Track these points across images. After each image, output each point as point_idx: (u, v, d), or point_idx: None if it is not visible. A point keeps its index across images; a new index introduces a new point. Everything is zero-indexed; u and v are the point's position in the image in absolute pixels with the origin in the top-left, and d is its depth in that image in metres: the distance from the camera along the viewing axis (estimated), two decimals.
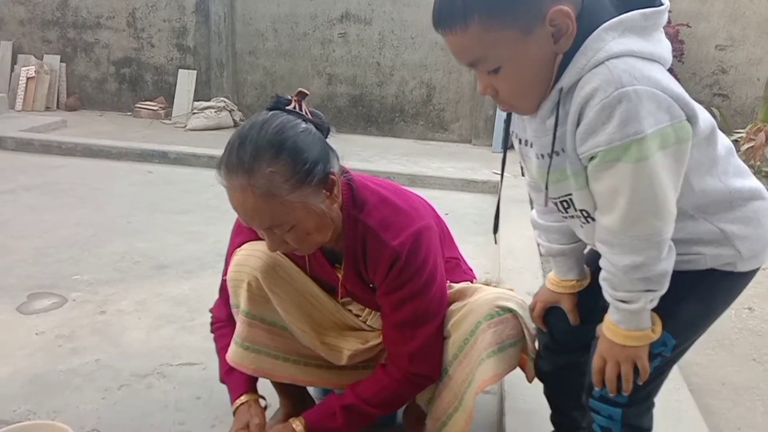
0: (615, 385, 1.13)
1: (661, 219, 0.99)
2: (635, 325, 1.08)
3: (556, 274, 1.35)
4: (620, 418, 1.16)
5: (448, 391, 1.46)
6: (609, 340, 1.11)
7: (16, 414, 1.84)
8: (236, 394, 1.56)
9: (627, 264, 1.02)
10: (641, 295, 1.04)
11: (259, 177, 1.22)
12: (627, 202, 0.98)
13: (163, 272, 2.93)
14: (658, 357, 1.12)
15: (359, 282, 1.50)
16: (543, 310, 1.38)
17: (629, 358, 1.10)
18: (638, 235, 1.00)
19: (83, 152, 5.14)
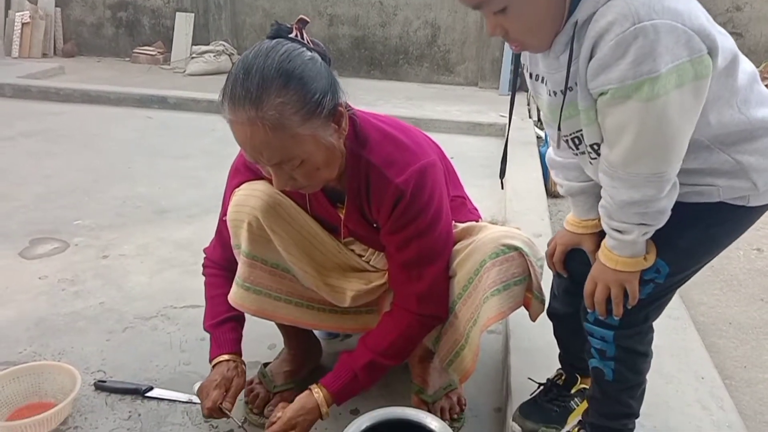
0: (604, 307, 1.13)
1: (665, 159, 0.95)
2: (629, 252, 1.07)
3: (576, 214, 1.30)
4: (612, 340, 1.16)
5: (453, 330, 1.44)
6: (602, 263, 1.11)
7: (22, 356, 1.85)
8: (221, 350, 1.50)
9: (624, 199, 1.01)
10: (635, 227, 1.03)
11: (268, 108, 1.15)
12: (632, 140, 0.94)
13: (165, 217, 2.90)
14: (650, 283, 1.11)
15: (362, 221, 1.46)
16: (564, 253, 1.33)
17: (618, 282, 1.09)
18: (638, 173, 0.97)
19: (82, 98, 5.06)
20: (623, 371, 1.18)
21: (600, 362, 1.19)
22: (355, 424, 1.31)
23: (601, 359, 1.19)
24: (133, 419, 1.60)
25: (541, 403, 1.43)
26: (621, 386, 1.20)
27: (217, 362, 1.49)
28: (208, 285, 1.61)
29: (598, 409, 1.25)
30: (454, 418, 1.58)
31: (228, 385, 1.45)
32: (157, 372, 1.79)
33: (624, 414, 1.24)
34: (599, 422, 1.25)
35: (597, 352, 1.19)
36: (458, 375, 1.47)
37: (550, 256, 1.36)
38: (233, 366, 1.48)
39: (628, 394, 1.22)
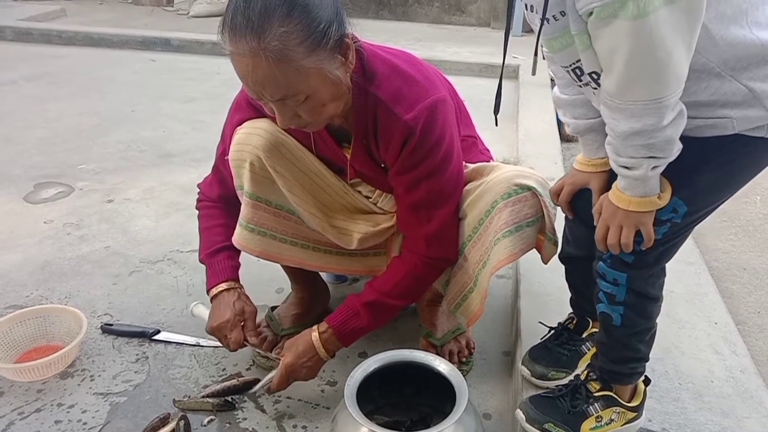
0: (618, 248, 1.08)
1: (661, 83, 0.88)
2: (641, 191, 1.01)
3: (585, 153, 1.24)
4: (625, 282, 1.12)
5: (462, 272, 1.41)
6: (613, 205, 1.05)
7: (29, 299, 1.84)
8: (219, 278, 1.48)
9: (625, 130, 0.95)
10: (643, 161, 0.97)
11: (271, 39, 1.08)
12: (624, 63, 0.88)
13: (170, 161, 2.86)
14: (667, 223, 1.06)
15: (369, 161, 1.41)
16: (571, 193, 1.28)
17: (632, 224, 1.04)
18: (636, 100, 0.91)
19: (84, 41, 4.96)
20: (632, 316, 1.15)
21: (608, 307, 1.16)
22: (362, 366, 1.30)
23: (610, 304, 1.15)
24: (141, 362, 1.60)
25: (551, 347, 1.41)
26: (629, 331, 1.17)
27: (217, 292, 1.47)
28: (202, 218, 1.57)
29: (606, 354, 1.23)
30: (462, 361, 1.57)
31: (241, 320, 1.44)
32: (164, 315, 1.78)
33: (633, 358, 1.21)
34: (608, 367, 1.23)
35: (606, 297, 1.15)
36: (465, 318, 1.45)
37: (556, 194, 1.31)
38: (236, 296, 1.46)
39: (636, 339, 1.19)
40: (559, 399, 1.24)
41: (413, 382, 1.39)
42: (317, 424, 1.42)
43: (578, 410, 1.22)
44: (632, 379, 1.25)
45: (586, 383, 1.25)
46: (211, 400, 1.45)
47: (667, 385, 1.44)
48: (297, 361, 1.37)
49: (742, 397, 1.46)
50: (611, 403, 1.23)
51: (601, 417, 1.22)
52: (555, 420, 1.21)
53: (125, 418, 1.42)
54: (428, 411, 1.41)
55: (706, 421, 1.38)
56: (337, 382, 1.55)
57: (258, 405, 1.47)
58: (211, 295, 1.48)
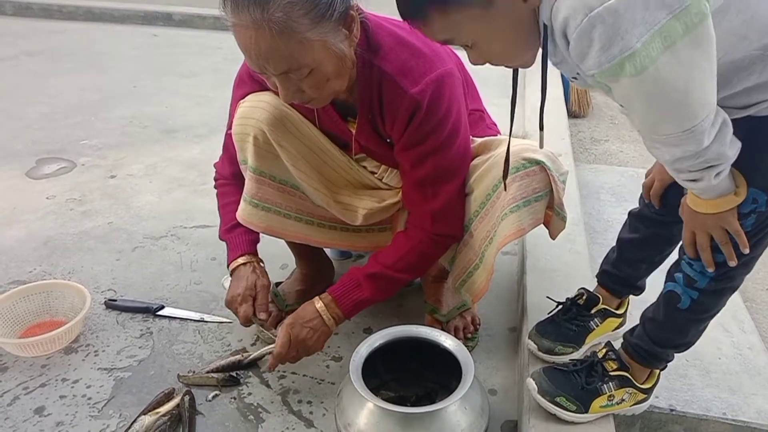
0: (710, 255, 1.04)
1: (687, 116, 0.87)
2: (714, 194, 0.99)
3: None
4: (713, 274, 1.07)
5: (469, 248, 1.39)
6: (692, 210, 1.03)
7: (32, 275, 1.84)
8: (237, 253, 1.49)
9: (668, 159, 0.95)
10: (703, 173, 0.95)
11: (275, 10, 1.05)
12: (642, 110, 0.89)
13: (173, 136, 2.83)
14: (752, 215, 1.02)
15: (374, 136, 1.38)
16: (663, 188, 1.25)
17: (716, 225, 1.01)
18: (667, 134, 0.90)
19: (85, 16, 4.91)
20: (706, 302, 1.11)
21: (681, 288, 1.11)
22: (367, 342, 1.29)
23: (686, 286, 1.10)
24: (145, 337, 1.60)
25: (558, 322, 1.40)
26: (695, 316, 1.13)
27: (235, 266, 1.47)
28: (219, 196, 1.58)
29: (651, 333, 1.18)
30: (468, 337, 1.56)
31: (253, 294, 1.44)
32: (168, 291, 1.78)
33: (679, 344, 1.19)
34: (645, 345, 1.19)
35: (684, 278, 1.10)
36: (470, 295, 1.43)
37: (648, 188, 1.28)
38: (251, 270, 1.46)
39: (696, 326, 1.16)
40: (574, 374, 1.23)
41: (418, 358, 1.38)
42: (322, 399, 1.42)
43: (592, 387, 1.21)
44: (660, 364, 1.23)
45: (603, 361, 1.23)
46: (215, 376, 1.44)
47: (674, 362, 1.42)
48: (298, 321, 1.36)
49: (750, 374, 1.45)
50: (625, 383, 1.22)
51: (613, 396, 1.21)
52: (567, 394, 1.20)
53: (129, 393, 1.42)
54: (433, 386, 1.41)
55: (714, 397, 1.37)
56: (342, 357, 1.54)
57: (263, 380, 1.47)
58: (230, 270, 1.49)
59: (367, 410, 1.17)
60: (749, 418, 1.33)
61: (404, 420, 1.15)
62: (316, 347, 1.39)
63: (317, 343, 1.38)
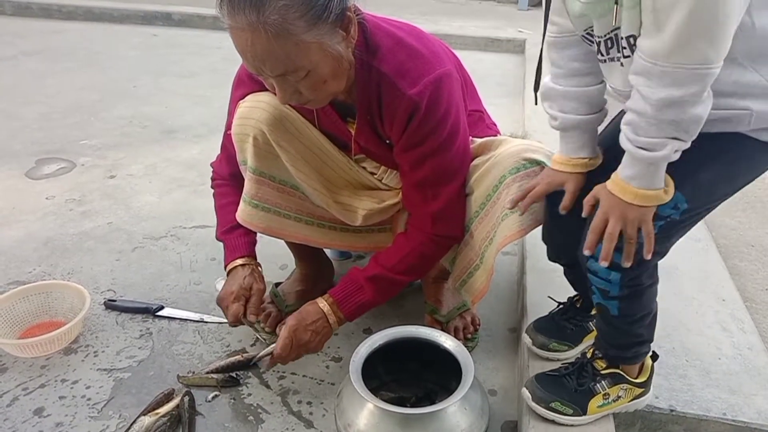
0: (612, 246, 1.02)
1: (714, 46, 0.85)
2: (648, 182, 0.97)
3: (565, 151, 1.19)
4: (618, 280, 1.08)
5: (469, 249, 1.39)
6: (614, 197, 1.00)
7: (31, 275, 1.84)
8: (235, 254, 1.48)
9: (662, 97, 0.89)
10: (667, 141, 0.92)
11: (270, 12, 1.05)
12: (684, 18, 0.83)
13: (172, 137, 2.83)
14: (666, 219, 1.02)
15: (374, 137, 1.38)
16: (544, 193, 1.22)
17: (636, 218, 1.00)
18: (685, 63, 0.86)
19: (84, 16, 4.91)
20: (629, 307, 1.13)
21: (603, 300, 1.13)
22: (367, 342, 1.29)
23: (603, 298, 1.12)
24: (145, 338, 1.60)
25: (557, 320, 1.40)
26: (628, 320, 1.15)
27: (232, 268, 1.46)
28: (216, 196, 1.57)
29: (608, 340, 1.21)
30: (467, 338, 1.56)
31: (247, 295, 1.43)
32: (168, 291, 1.78)
33: (635, 343, 1.19)
34: (612, 352, 1.21)
35: (599, 292, 1.12)
36: (470, 296, 1.43)
37: (526, 192, 1.24)
38: (248, 272, 1.45)
39: (637, 325, 1.17)
40: (566, 377, 1.23)
41: (418, 359, 1.38)
42: (322, 399, 1.42)
43: (585, 388, 1.21)
44: (637, 360, 1.23)
45: (593, 361, 1.24)
46: (215, 376, 1.44)
47: (674, 362, 1.43)
48: (301, 323, 1.35)
49: (750, 374, 1.45)
50: (618, 380, 1.22)
51: (608, 394, 1.21)
52: (562, 398, 1.20)
53: (129, 393, 1.42)
54: (433, 387, 1.40)
55: (714, 398, 1.37)
56: (342, 358, 1.54)
57: (263, 381, 1.47)
58: (227, 271, 1.48)
59: (367, 411, 1.17)
60: (749, 418, 1.33)
61: (404, 421, 1.15)
62: (317, 349, 1.39)
63: (318, 345, 1.38)
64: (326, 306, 1.37)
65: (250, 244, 1.50)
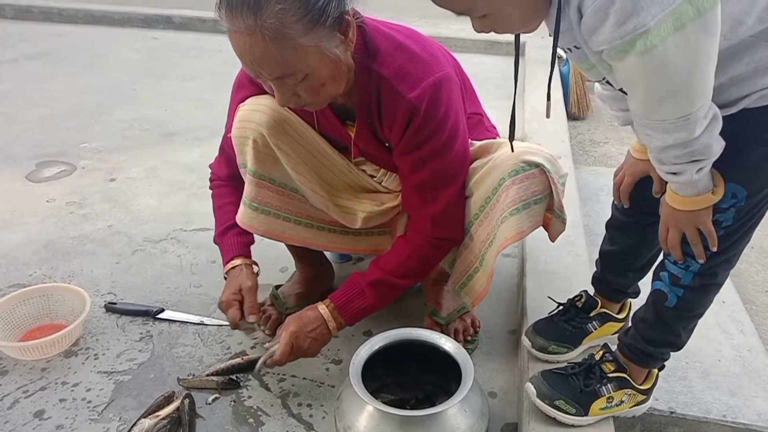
0: (680, 252, 1.07)
1: (686, 103, 0.88)
2: (692, 191, 1.00)
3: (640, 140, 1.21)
4: (697, 269, 1.09)
5: (469, 251, 1.39)
6: (669, 206, 1.05)
7: (32, 278, 1.84)
8: (228, 256, 1.49)
9: (658, 145, 0.95)
10: (686, 166, 0.96)
11: (267, 16, 1.05)
12: (643, 92, 0.90)
13: (173, 139, 2.84)
14: (731, 209, 1.03)
15: (373, 140, 1.38)
16: (632, 184, 1.25)
17: (690, 223, 1.03)
18: (663, 120, 0.91)
19: (85, 19, 4.91)
20: (691, 299, 1.12)
21: (667, 287, 1.12)
22: (367, 344, 1.29)
23: (671, 284, 1.12)
24: (145, 340, 1.60)
25: (556, 322, 1.40)
26: (681, 314, 1.14)
27: (228, 270, 1.48)
28: (214, 197, 1.58)
29: (644, 333, 1.19)
30: (468, 340, 1.56)
31: (239, 298, 1.43)
32: (168, 294, 1.78)
33: (670, 343, 1.19)
34: (639, 345, 1.20)
35: (669, 277, 1.12)
36: (470, 298, 1.43)
37: (618, 185, 1.29)
38: (238, 272, 1.46)
39: (683, 324, 1.16)
40: (572, 377, 1.23)
41: (418, 361, 1.38)
42: (322, 402, 1.42)
43: (590, 389, 1.21)
44: (656, 364, 1.23)
45: (601, 364, 1.24)
46: (215, 379, 1.44)
47: (674, 364, 1.43)
48: (302, 330, 1.35)
49: (750, 376, 1.45)
50: (624, 385, 1.22)
51: (612, 398, 1.21)
52: (566, 397, 1.20)
53: (129, 396, 1.42)
54: (433, 389, 1.40)
55: (714, 400, 1.37)
56: (342, 360, 1.54)
57: (263, 383, 1.47)
58: (224, 275, 1.49)
59: (366, 413, 1.17)
60: (749, 420, 1.33)
61: (404, 423, 1.15)
62: (314, 354, 1.39)
63: (316, 351, 1.39)
64: (327, 312, 1.37)
65: (242, 244, 1.51)
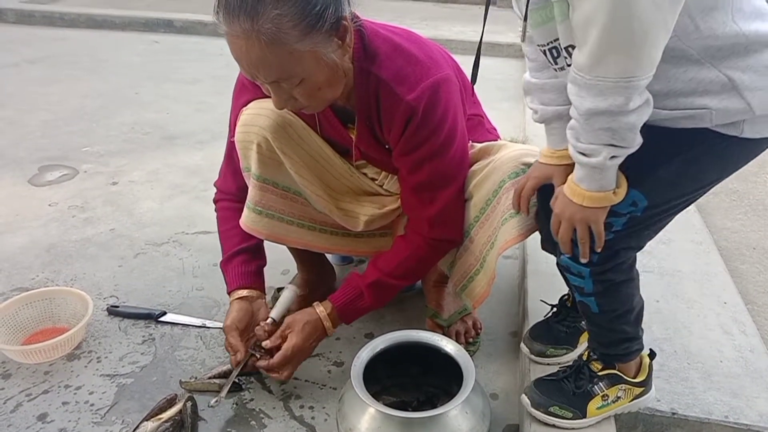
0: (569, 246, 1.06)
1: (634, 60, 0.85)
2: (597, 184, 0.97)
3: (550, 144, 1.20)
4: (589, 275, 1.09)
5: (469, 253, 1.40)
6: (567, 198, 1.02)
7: (34, 282, 1.85)
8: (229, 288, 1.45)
9: (589, 107, 0.90)
10: (602, 148, 0.93)
11: (264, 21, 1.06)
12: (598, 34, 0.84)
13: (174, 143, 2.84)
14: (626, 215, 1.03)
15: (374, 142, 1.39)
16: (534, 188, 1.23)
17: (584, 220, 1.01)
18: (605, 76, 0.87)
19: (86, 23, 4.93)
20: (607, 303, 1.13)
21: (580, 297, 1.15)
22: (369, 346, 1.30)
23: (581, 295, 1.14)
24: (147, 343, 1.60)
25: (551, 325, 1.40)
26: (610, 316, 1.15)
27: (232, 299, 1.44)
28: (219, 220, 1.54)
29: (596, 338, 1.22)
30: (469, 342, 1.57)
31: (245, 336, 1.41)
32: (170, 297, 1.78)
33: (623, 339, 1.20)
34: (602, 350, 1.22)
35: (576, 289, 1.14)
36: (471, 300, 1.44)
37: (519, 191, 1.26)
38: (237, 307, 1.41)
39: (620, 322, 1.17)
40: (563, 381, 1.23)
41: (420, 363, 1.39)
42: (324, 404, 1.42)
43: (583, 391, 1.21)
44: (630, 358, 1.23)
45: (588, 363, 1.24)
46: (217, 381, 1.44)
47: (675, 365, 1.43)
48: (305, 343, 1.36)
49: (752, 377, 1.45)
50: (616, 380, 1.22)
51: (607, 395, 1.21)
52: (560, 402, 1.20)
53: (132, 399, 1.43)
54: (435, 391, 1.41)
55: (715, 401, 1.37)
56: (344, 362, 1.55)
57: (265, 386, 1.47)
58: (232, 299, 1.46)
59: (368, 415, 1.17)
60: (751, 421, 1.33)
61: (406, 425, 1.15)
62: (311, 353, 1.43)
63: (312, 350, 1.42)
64: (325, 314, 1.38)
65: (244, 275, 1.46)
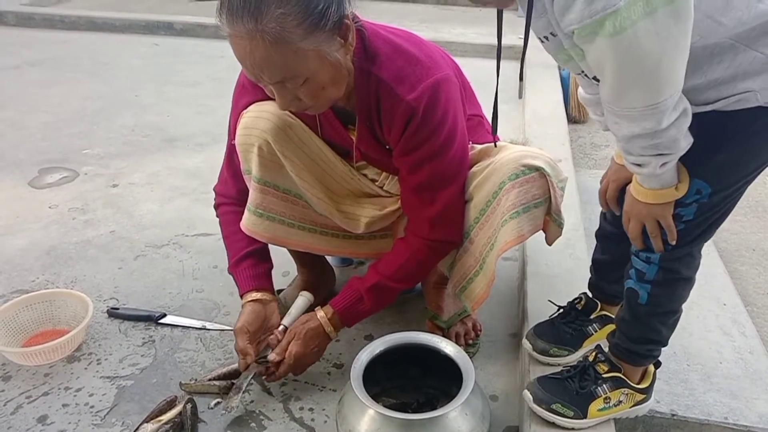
0: (640, 242, 1.10)
1: (653, 90, 0.88)
2: (657, 183, 1.02)
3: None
4: (657, 261, 1.11)
5: (469, 255, 1.40)
6: (632, 197, 1.07)
7: (35, 284, 1.85)
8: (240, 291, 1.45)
9: (626, 134, 0.96)
10: (651, 159, 0.97)
11: (268, 21, 1.06)
12: (611, 76, 0.90)
13: (174, 145, 2.85)
14: (694, 204, 1.05)
15: (374, 143, 1.39)
16: (617, 190, 1.26)
17: (651, 216, 1.05)
18: (631, 108, 0.91)
19: (87, 26, 4.93)
20: (659, 295, 1.14)
21: (636, 283, 1.15)
22: (368, 348, 1.30)
23: (639, 281, 1.14)
24: (147, 345, 1.60)
25: (557, 324, 1.40)
26: (654, 310, 1.16)
27: (244, 302, 1.44)
28: (222, 224, 1.54)
29: (626, 332, 1.22)
30: (469, 344, 1.57)
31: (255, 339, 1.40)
32: (170, 299, 1.78)
33: (652, 340, 1.20)
34: (625, 345, 1.21)
35: (636, 273, 1.15)
36: (470, 302, 1.44)
37: (603, 193, 1.30)
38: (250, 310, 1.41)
39: (659, 320, 1.18)
40: (567, 380, 1.23)
41: (420, 365, 1.39)
42: (324, 406, 1.42)
43: (586, 391, 1.21)
44: (646, 361, 1.24)
45: (594, 365, 1.24)
46: (217, 383, 1.44)
47: (675, 366, 1.44)
48: (306, 350, 1.37)
49: (751, 378, 1.45)
50: (620, 384, 1.22)
51: (609, 398, 1.21)
52: (563, 401, 1.20)
53: (132, 401, 1.43)
54: (435, 393, 1.41)
55: (715, 402, 1.37)
56: (344, 364, 1.55)
57: (265, 388, 1.47)
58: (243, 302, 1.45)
59: (368, 417, 1.18)
60: (751, 422, 1.33)
61: (405, 426, 1.15)
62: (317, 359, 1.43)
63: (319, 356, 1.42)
64: (326, 319, 1.39)
65: (253, 277, 1.45)
